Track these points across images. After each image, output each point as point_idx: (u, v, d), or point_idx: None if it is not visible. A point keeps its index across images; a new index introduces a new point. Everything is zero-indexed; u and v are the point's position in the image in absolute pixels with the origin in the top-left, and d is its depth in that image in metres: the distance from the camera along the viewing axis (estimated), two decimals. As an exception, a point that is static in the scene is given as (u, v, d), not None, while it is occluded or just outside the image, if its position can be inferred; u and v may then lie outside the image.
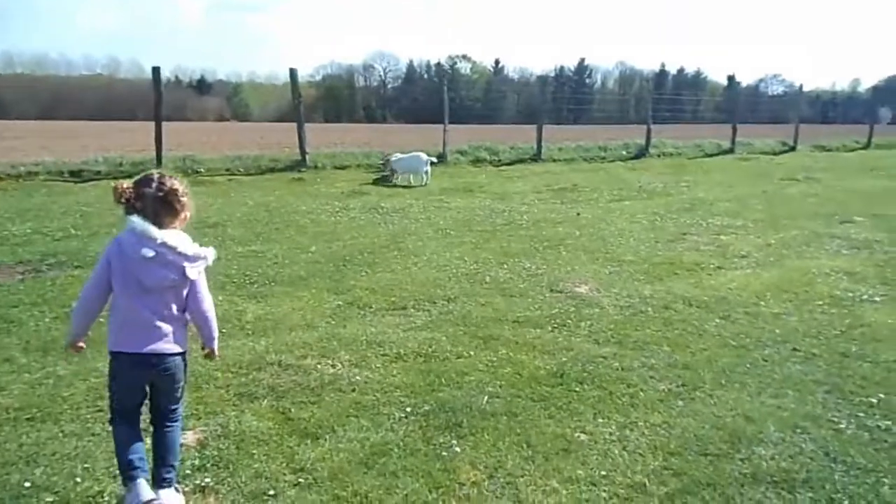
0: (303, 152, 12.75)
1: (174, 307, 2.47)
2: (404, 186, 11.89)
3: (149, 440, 2.60)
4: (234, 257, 6.57)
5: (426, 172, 12.12)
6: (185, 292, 2.50)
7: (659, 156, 17.24)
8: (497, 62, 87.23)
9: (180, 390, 2.58)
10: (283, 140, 27.27)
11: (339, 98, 78.07)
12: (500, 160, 15.03)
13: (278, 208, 9.39)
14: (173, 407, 2.58)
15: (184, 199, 2.50)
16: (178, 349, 2.50)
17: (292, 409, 3.35)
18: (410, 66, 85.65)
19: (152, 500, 2.35)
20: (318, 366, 3.90)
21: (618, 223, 8.75)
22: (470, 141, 16.85)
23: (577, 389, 3.59)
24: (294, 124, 13.17)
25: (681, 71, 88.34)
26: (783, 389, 3.62)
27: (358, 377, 3.76)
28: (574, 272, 6.21)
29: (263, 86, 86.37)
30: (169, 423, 2.56)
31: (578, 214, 9.36)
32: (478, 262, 6.55)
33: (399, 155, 12.50)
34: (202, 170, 11.97)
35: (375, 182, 12.21)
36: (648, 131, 17.20)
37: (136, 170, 11.59)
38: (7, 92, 64.94)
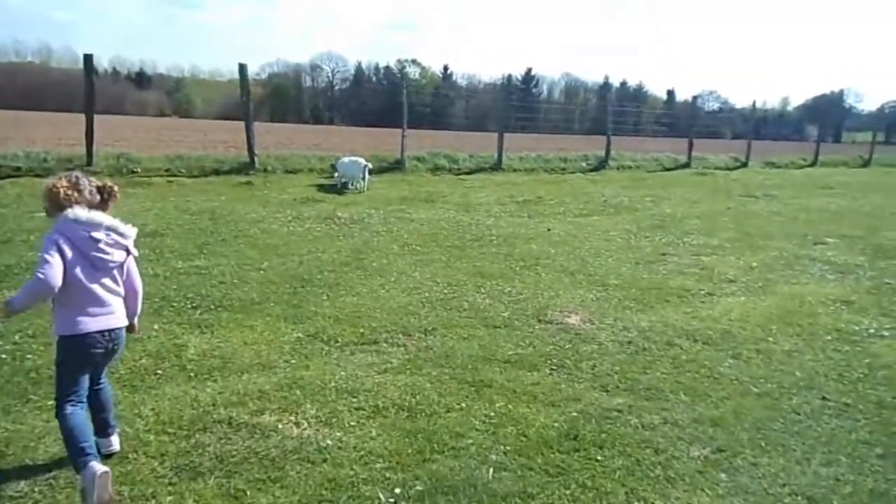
0: (251, 154, 11.82)
1: (119, 284, 2.66)
2: (356, 193, 11.14)
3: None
4: (173, 274, 5.72)
5: (363, 179, 11.39)
6: (125, 271, 2.69)
7: (618, 168, 17.02)
8: (446, 68, 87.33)
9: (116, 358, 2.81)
10: (228, 139, 26.07)
11: (286, 97, 76.18)
12: (459, 168, 14.45)
13: (224, 216, 8.51)
14: (102, 377, 2.80)
15: (115, 189, 2.73)
16: (125, 323, 2.72)
17: (247, 492, 2.62)
18: (359, 68, 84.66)
19: (106, 472, 2.44)
20: (279, 425, 3.17)
21: (591, 240, 8.26)
22: (422, 146, 16.27)
23: (599, 458, 2.99)
24: (240, 123, 12.23)
25: (623, 84, 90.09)
26: (833, 454, 3.12)
27: (329, 440, 3.05)
28: (559, 298, 5.64)
29: (207, 81, 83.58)
30: (101, 383, 2.78)
31: (549, 230, 8.85)
32: (451, 285, 5.91)
33: (344, 160, 11.80)
34: (138, 169, 10.90)
35: (329, 189, 11.41)
36: (608, 143, 16.97)
37: (62, 167, 10.46)
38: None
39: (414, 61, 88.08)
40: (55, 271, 2.40)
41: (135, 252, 2.71)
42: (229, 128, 36.46)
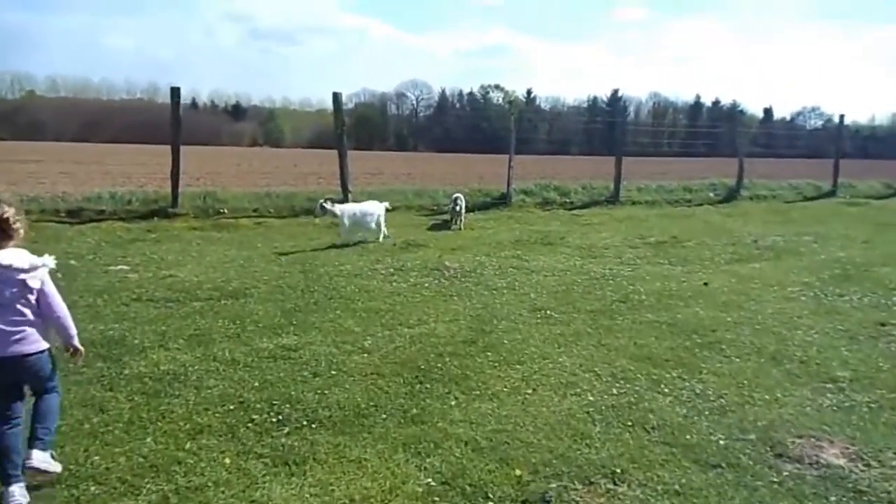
0: (345, 190, 10.74)
1: (27, 314, 2.78)
2: (456, 233, 9.75)
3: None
4: (256, 361, 4.44)
5: (380, 226, 9.12)
6: (34, 299, 2.80)
7: (752, 198, 14.87)
8: (529, 92, 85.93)
9: (51, 380, 2.96)
10: (318, 170, 25.66)
11: (372, 126, 77.04)
12: (571, 202, 12.87)
13: (316, 268, 7.30)
14: (47, 386, 2.95)
15: (16, 225, 2.76)
16: (35, 348, 2.81)
17: None
18: (443, 95, 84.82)
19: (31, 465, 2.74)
20: None
21: (768, 301, 6.46)
22: (526, 177, 14.73)
23: None
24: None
25: (716, 103, 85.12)
26: None
27: None
28: (782, 406, 3.94)
29: (297, 112, 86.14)
30: (45, 395, 2.93)
31: (706, 285, 7.09)
32: (617, 378, 4.34)
33: (348, 207, 9.14)
34: (225, 210, 10.02)
35: (431, 229, 10.11)
36: (741, 169, 14.86)
37: (146, 209, 9.69)
38: (46, 113, 65.28)
39: (497, 86, 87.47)
40: None
41: (34, 285, 2.78)
42: (317, 156, 36.64)
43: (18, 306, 2.76)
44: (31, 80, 75.93)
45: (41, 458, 2.80)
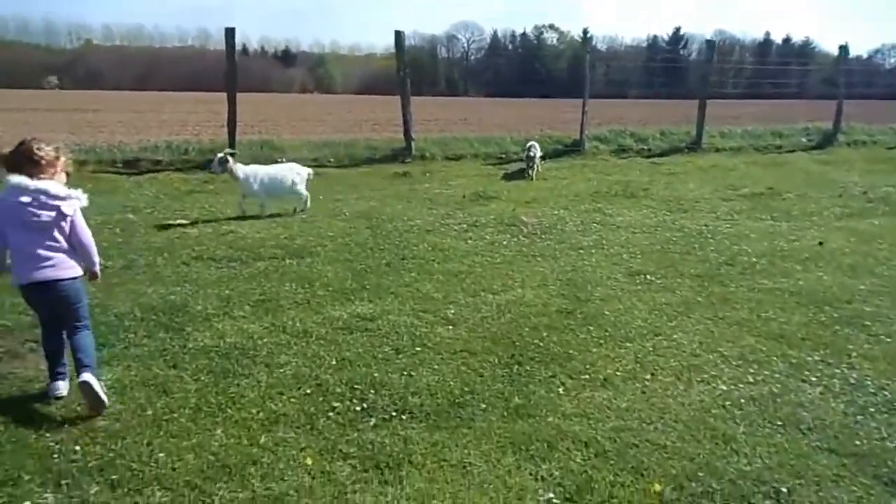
0: (408, 138, 10.10)
1: (60, 240, 2.93)
2: (529, 186, 9.05)
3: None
4: (330, 333, 3.96)
5: (300, 193, 7.25)
6: (67, 227, 2.93)
7: (849, 144, 13.52)
8: (585, 31, 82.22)
9: (81, 311, 3.04)
10: (372, 117, 25.02)
11: (422, 70, 75.21)
12: (649, 150, 11.90)
13: (384, 223, 6.77)
14: (76, 323, 3.02)
15: (41, 153, 2.89)
16: (68, 274, 2.95)
17: None
18: (494, 37, 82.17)
19: (62, 396, 3.01)
20: None
21: (901, 264, 5.61)
22: (563, 119, 13.63)
23: None
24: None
25: (787, 41, 79.41)
26: None
27: None
28: (964, 403, 3.24)
29: (346, 57, 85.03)
30: (76, 333, 3.01)
31: (821, 244, 6.26)
32: (747, 360, 3.69)
33: (256, 170, 6.99)
34: (283, 159, 9.52)
35: (501, 180, 9.43)
36: (839, 112, 13.48)
37: (203, 158, 9.30)
38: (103, 62, 66.23)
39: (551, 26, 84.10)
40: None
41: (67, 211, 2.91)
42: (371, 104, 35.85)
43: (55, 232, 2.91)
44: (88, 30, 76.86)
45: (90, 376, 2.89)
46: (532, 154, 9.23)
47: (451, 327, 4.10)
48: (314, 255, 5.63)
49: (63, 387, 3.05)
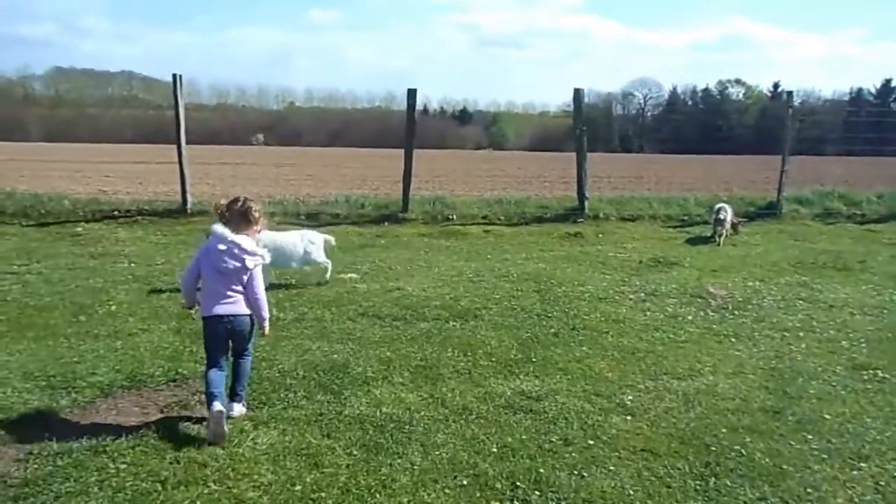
0: (581, 197, 9.68)
1: (239, 287, 3.42)
2: (716, 248, 8.11)
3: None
4: (491, 412, 3.59)
5: (319, 262, 6.40)
6: (246, 278, 3.42)
7: None
8: (776, 85, 77.02)
9: (249, 341, 3.55)
10: (540, 172, 24.98)
11: (595, 127, 74.57)
12: (862, 214, 10.34)
13: (553, 287, 6.35)
14: (244, 350, 3.55)
15: (256, 214, 3.49)
16: (243, 312, 3.44)
17: None
18: (673, 93, 79.78)
19: (220, 411, 3.18)
20: None
21: None
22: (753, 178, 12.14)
23: None
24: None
25: None
26: None
27: None
28: None
29: (519, 115, 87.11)
30: (241, 359, 3.55)
31: None
32: None
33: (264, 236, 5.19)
34: (453, 216, 9.56)
35: (684, 244, 8.63)
36: None
37: (377, 214, 9.59)
38: (303, 122, 73.99)
39: (738, 81, 79.88)
40: (187, 274, 3.54)
41: (249, 265, 3.39)
42: (541, 161, 35.98)
43: (236, 279, 3.41)
44: (292, 93, 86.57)
45: (239, 409, 3.47)
46: (722, 217, 8.35)
47: (629, 418, 3.55)
48: (478, 318, 5.36)
49: (218, 405, 3.22)
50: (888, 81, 73.10)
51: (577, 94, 9.58)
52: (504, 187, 17.76)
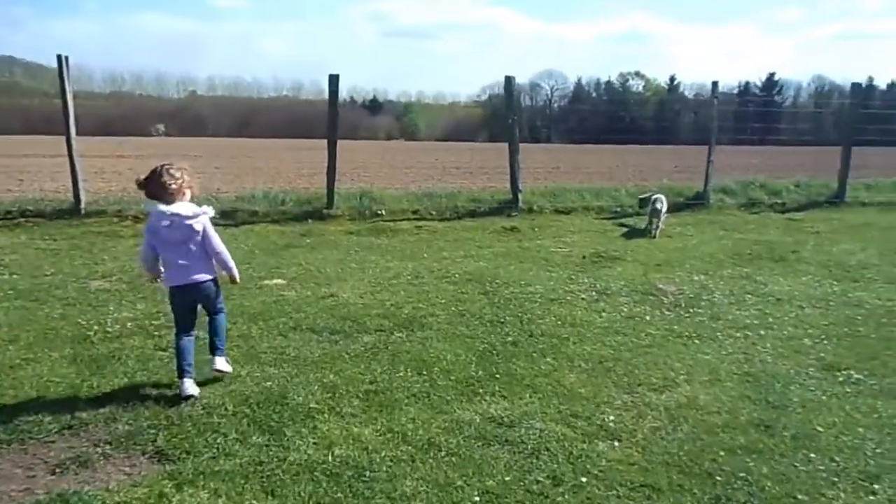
0: (515, 190, 9.33)
1: (195, 250, 3.51)
2: (654, 245, 8.00)
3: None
4: (462, 445, 3.10)
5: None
6: (199, 239, 3.51)
7: None
8: (672, 79, 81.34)
9: (218, 302, 3.72)
10: (457, 161, 24.71)
11: (505, 118, 75.50)
12: (783, 204, 10.60)
13: (500, 287, 5.93)
14: (215, 308, 3.71)
15: (169, 179, 3.41)
16: (206, 276, 3.59)
17: None
18: (578, 85, 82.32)
19: (192, 396, 3.44)
20: None
21: None
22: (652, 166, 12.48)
23: None
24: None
25: (892, 85, 73.91)
26: None
27: None
28: None
29: (431, 105, 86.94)
30: (215, 316, 3.71)
31: None
32: None
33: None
34: (382, 212, 8.96)
35: (623, 237, 8.45)
36: None
37: (300, 210, 8.86)
38: (207, 110, 70.43)
39: (637, 74, 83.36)
40: (145, 253, 3.58)
41: (197, 228, 3.48)
42: (455, 149, 35.75)
43: (190, 245, 3.48)
44: (194, 81, 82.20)
45: (221, 362, 3.64)
46: (658, 207, 8.23)
47: (616, 443, 3.16)
48: (426, 327, 4.84)
49: (190, 386, 3.46)
50: (772, 75, 78.54)
51: (509, 82, 9.19)
52: (426, 178, 17.32)
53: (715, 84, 10.25)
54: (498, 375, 3.96)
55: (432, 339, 4.59)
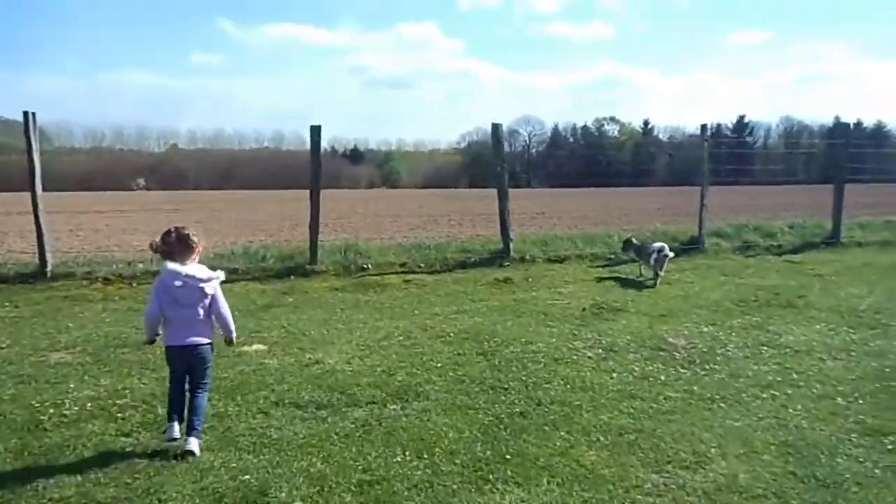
0: (506, 239, 8.98)
1: (201, 313, 3.56)
2: (655, 294, 7.65)
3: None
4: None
5: None
6: (208, 302, 3.58)
7: None
8: (646, 123, 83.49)
9: (208, 369, 3.66)
10: (444, 209, 24.47)
11: (485, 164, 76.24)
12: (779, 245, 10.37)
13: (499, 347, 5.49)
14: (201, 381, 3.62)
15: (194, 238, 3.59)
16: (205, 340, 3.61)
17: None
18: (555, 130, 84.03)
19: (175, 439, 3.49)
20: None
21: None
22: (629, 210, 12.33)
23: None
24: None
25: (858, 125, 75.76)
26: None
27: None
28: None
29: (412, 153, 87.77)
30: (198, 392, 3.60)
31: None
32: None
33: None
34: (369, 266, 8.53)
35: (619, 284, 8.09)
36: None
37: (282, 266, 8.41)
38: (187, 163, 70.26)
39: (612, 119, 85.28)
40: (151, 312, 3.54)
41: (209, 291, 3.56)
42: (439, 198, 35.69)
43: (198, 307, 3.55)
44: (174, 135, 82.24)
45: (193, 443, 3.45)
46: (666, 254, 7.90)
47: (655, 543, 2.69)
48: (422, 396, 4.38)
49: (177, 429, 3.53)
50: (742, 117, 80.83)
51: (496, 129, 8.95)
52: (411, 228, 16.99)
53: (703, 126, 10.13)
54: (508, 456, 3.49)
55: (430, 411, 4.13)
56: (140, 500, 2.99)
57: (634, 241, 8.70)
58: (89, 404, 4.23)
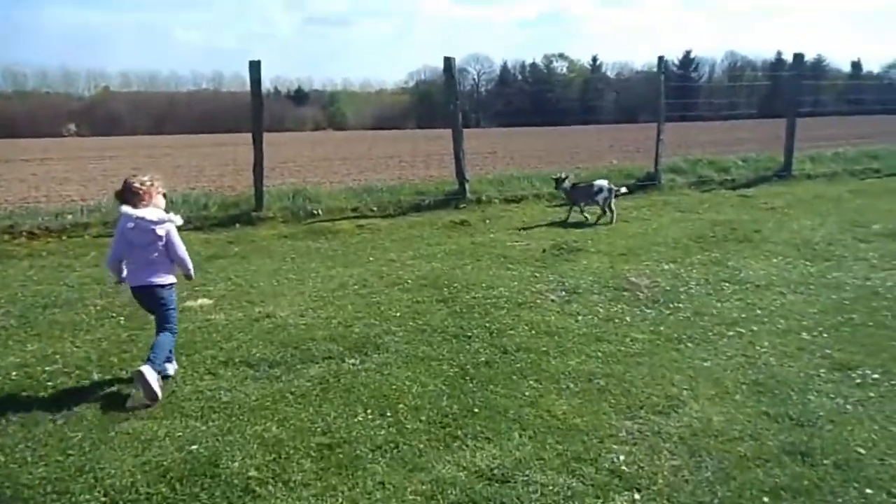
0: (461, 180, 8.67)
1: (155, 254, 3.65)
2: (614, 232, 7.56)
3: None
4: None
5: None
6: (162, 245, 3.65)
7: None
8: (595, 59, 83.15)
9: (168, 310, 3.72)
10: (393, 150, 23.84)
11: (434, 104, 74.82)
12: (733, 180, 10.38)
13: (459, 293, 5.28)
14: (164, 322, 3.71)
15: (138, 185, 3.61)
16: (160, 280, 3.69)
17: None
18: (504, 68, 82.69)
19: (169, 376, 3.70)
20: None
21: None
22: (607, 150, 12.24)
23: None
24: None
25: (798, 57, 77.42)
26: None
27: None
28: None
29: (358, 94, 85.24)
30: (161, 331, 3.69)
31: None
32: None
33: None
34: (318, 211, 8.13)
35: (578, 226, 7.95)
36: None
37: (225, 215, 7.94)
38: (122, 107, 66.44)
39: (561, 55, 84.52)
40: (112, 254, 3.70)
41: (160, 233, 3.61)
42: (387, 137, 34.80)
43: (151, 249, 3.64)
44: (105, 77, 77.41)
45: (148, 371, 3.39)
46: (612, 189, 7.76)
47: (636, 495, 2.58)
48: (382, 349, 4.15)
49: (170, 368, 3.75)
50: (688, 53, 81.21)
51: (449, 63, 8.49)
52: (361, 171, 16.44)
53: (661, 59, 9.91)
54: (476, 409, 3.32)
55: (391, 364, 3.91)
56: (73, 480, 2.69)
57: (570, 182, 8.18)
58: (14, 372, 3.84)
